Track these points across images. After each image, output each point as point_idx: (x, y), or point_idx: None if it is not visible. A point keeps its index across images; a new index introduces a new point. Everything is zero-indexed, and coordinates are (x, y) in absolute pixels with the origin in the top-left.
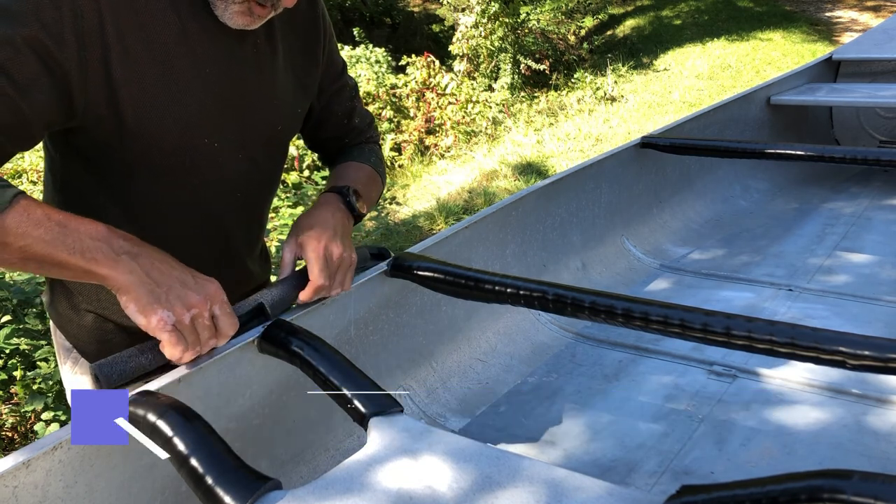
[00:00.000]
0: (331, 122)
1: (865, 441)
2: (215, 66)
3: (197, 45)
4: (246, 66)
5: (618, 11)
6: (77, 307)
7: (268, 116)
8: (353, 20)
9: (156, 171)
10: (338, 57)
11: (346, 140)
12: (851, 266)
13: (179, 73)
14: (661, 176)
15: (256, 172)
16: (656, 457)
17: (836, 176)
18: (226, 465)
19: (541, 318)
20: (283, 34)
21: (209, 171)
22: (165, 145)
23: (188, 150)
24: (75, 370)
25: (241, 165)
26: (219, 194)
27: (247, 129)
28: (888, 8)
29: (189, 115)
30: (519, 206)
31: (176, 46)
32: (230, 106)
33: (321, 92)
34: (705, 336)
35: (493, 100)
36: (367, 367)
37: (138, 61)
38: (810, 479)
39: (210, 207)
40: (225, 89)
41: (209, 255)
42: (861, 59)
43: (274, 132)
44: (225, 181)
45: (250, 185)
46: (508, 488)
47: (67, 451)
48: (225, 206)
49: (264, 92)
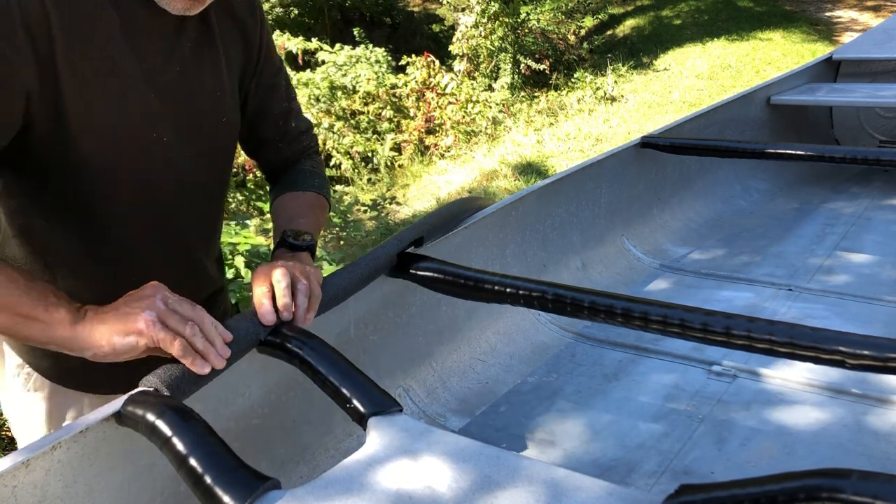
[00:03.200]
0: (266, 121)
1: (865, 441)
2: (157, 60)
3: (138, 40)
4: (186, 57)
5: (618, 11)
6: None
7: (212, 108)
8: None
9: (107, 171)
10: (275, 54)
11: (280, 145)
12: (851, 266)
13: (122, 69)
14: (661, 176)
15: (208, 167)
16: (656, 457)
17: (836, 176)
18: (225, 465)
19: (541, 318)
20: (220, 24)
21: (161, 168)
22: (114, 142)
23: (138, 146)
24: (28, 387)
25: (192, 160)
26: (173, 192)
27: (193, 122)
28: (888, 8)
29: (135, 110)
30: (519, 206)
31: (118, 41)
32: (175, 99)
33: (258, 87)
34: (705, 336)
35: (493, 100)
36: (366, 367)
37: (82, 57)
38: (809, 479)
39: (166, 207)
40: (168, 82)
41: (168, 258)
42: (861, 58)
43: (220, 124)
44: (178, 178)
45: (205, 179)
46: (508, 488)
47: (67, 451)
48: (180, 205)
49: (206, 83)
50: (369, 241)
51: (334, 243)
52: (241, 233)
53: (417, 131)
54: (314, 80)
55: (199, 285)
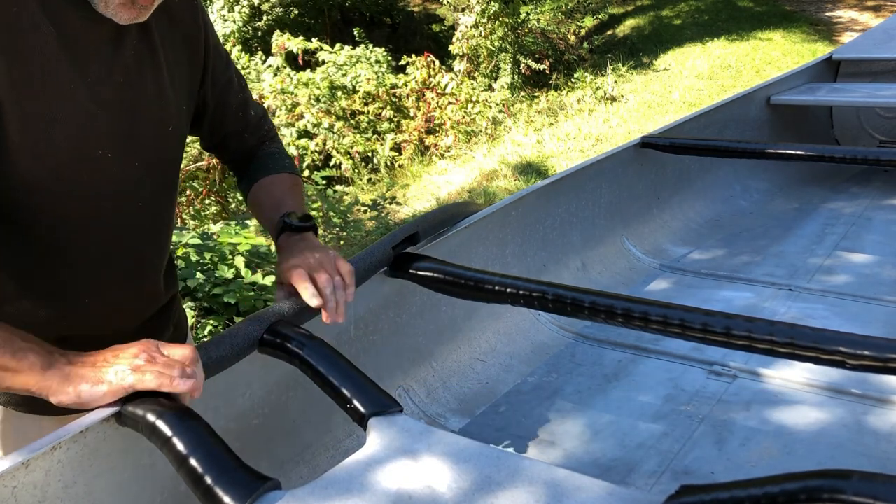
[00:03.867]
0: (227, 115)
1: (865, 441)
2: (98, 72)
3: (77, 52)
4: (129, 67)
5: (618, 11)
6: None
7: (157, 116)
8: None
9: (53, 191)
10: (222, 49)
11: (245, 135)
12: (851, 266)
13: (61, 84)
14: (661, 176)
15: (156, 177)
16: (656, 457)
17: (836, 176)
18: (225, 465)
19: (541, 318)
20: (160, 29)
21: (108, 183)
22: (58, 161)
23: (82, 162)
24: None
25: (139, 171)
26: (121, 205)
27: (139, 133)
28: (888, 8)
29: (77, 126)
30: (519, 206)
31: (55, 56)
32: (119, 111)
33: (213, 85)
34: (705, 336)
35: (493, 100)
36: (366, 367)
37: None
38: (810, 479)
39: (115, 221)
40: (110, 94)
41: (120, 272)
42: (861, 58)
43: (165, 132)
44: (125, 191)
45: (152, 192)
46: (508, 488)
47: (66, 451)
48: (129, 218)
49: (148, 93)
50: (369, 240)
51: (334, 243)
52: (242, 233)
53: (417, 131)
54: (314, 80)
55: (148, 301)
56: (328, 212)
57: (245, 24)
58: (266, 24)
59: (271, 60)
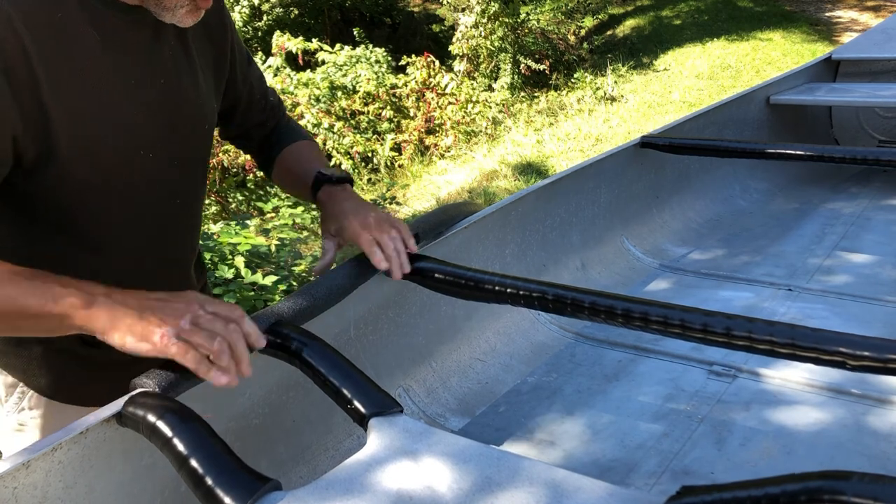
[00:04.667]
0: (253, 108)
1: (865, 441)
2: (139, 74)
3: (120, 55)
4: (166, 70)
5: (618, 11)
6: (23, 340)
7: (193, 116)
8: (353, 20)
9: (97, 189)
10: (243, 44)
11: (267, 122)
12: (851, 266)
13: (105, 90)
14: (660, 176)
15: (191, 175)
16: (656, 457)
17: (836, 176)
18: (225, 466)
19: (540, 317)
20: (192, 30)
21: (148, 183)
22: (102, 160)
23: (125, 161)
24: (22, 405)
25: (177, 169)
26: (160, 202)
27: (178, 132)
28: (888, 8)
29: (121, 130)
30: (518, 206)
31: (99, 61)
32: (158, 112)
33: (243, 81)
34: (705, 336)
35: (493, 100)
36: (366, 367)
37: (64, 84)
38: (810, 480)
39: (153, 217)
40: (151, 97)
41: (155, 265)
42: (861, 58)
43: (201, 131)
44: (164, 189)
45: (186, 189)
46: (508, 489)
47: (67, 452)
48: (166, 214)
49: (186, 93)
50: None
51: None
52: (242, 233)
53: (417, 131)
54: (314, 80)
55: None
56: None
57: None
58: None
59: (271, 60)
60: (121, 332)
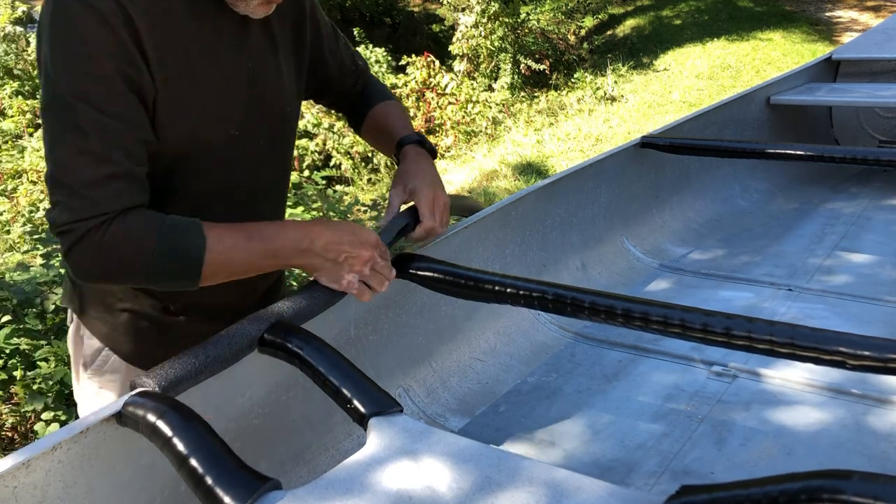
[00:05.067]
0: (345, 76)
1: (865, 441)
2: (230, 60)
3: (213, 43)
4: (252, 54)
5: (618, 11)
6: (111, 307)
7: (278, 99)
8: (353, 20)
9: (185, 167)
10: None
11: (357, 86)
12: (851, 266)
13: (201, 72)
14: (660, 176)
15: (276, 154)
16: (656, 457)
17: (836, 176)
18: (225, 466)
19: (540, 317)
20: (275, 16)
21: (237, 160)
22: (194, 141)
23: (214, 143)
24: (105, 368)
25: (264, 148)
26: (246, 179)
27: (264, 114)
28: (888, 8)
29: (214, 110)
30: (519, 206)
31: (195, 47)
32: (247, 95)
33: (332, 56)
34: (705, 336)
35: (493, 100)
36: (366, 367)
37: (168, 69)
38: (810, 480)
39: (242, 193)
40: (242, 79)
41: None
42: (861, 58)
43: (284, 113)
44: (252, 166)
45: (273, 168)
46: (508, 489)
47: (67, 451)
48: (254, 190)
49: (272, 76)
50: None
51: None
52: None
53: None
54: None
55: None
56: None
57: None
58: None
59: None
60: (318, 273)
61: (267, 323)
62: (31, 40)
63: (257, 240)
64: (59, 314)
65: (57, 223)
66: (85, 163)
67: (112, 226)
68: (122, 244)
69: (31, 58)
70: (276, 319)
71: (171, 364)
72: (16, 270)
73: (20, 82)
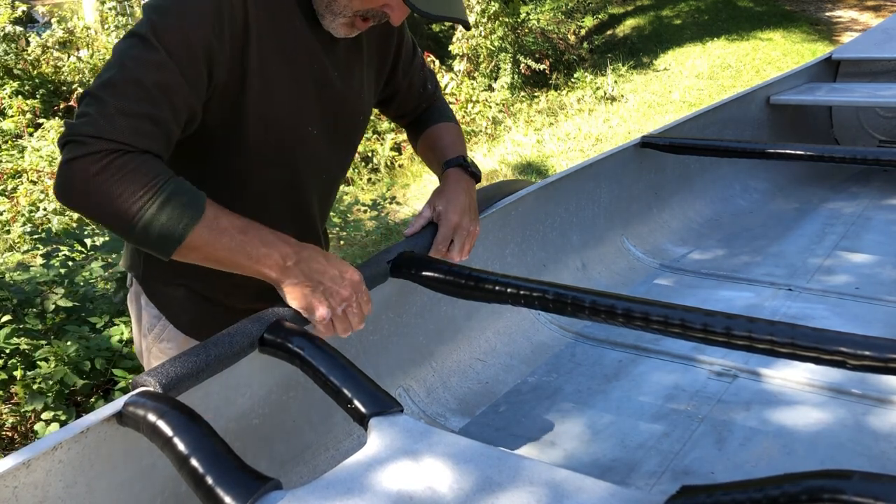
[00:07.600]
0: (412, 96)
1: (865, 441)
2: (322, 68)
3: (307, 47)
4: (340, 64)
5: (618, 11)
6: (170, 281)
7: (355, 107)
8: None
9: (264, 153)
10: (409, 35)
11: (424, 104)
12: (851, 266)
13: (298, 74)
14: (660, 176)
15: (341, 155)
16: (656, 457)
17: (836, 176)
18: (226, 466)
19: (540, 317)
20: (367, 36)
21: (307, 155)
22: (277, 131)
23: (294, 136)
24: (161, 336)
25: (331, 149)
26: (311, 174)
27: (340, 118)
28: (888, 8)
29: (298, 106)
30: (519, 206)
31: (293, 48)
32: (328, 98)
33: (403, 76)
34: (705, 336)
35: (493, 99)
36: (367, 367)
37: (270, 62)
38: (811, 480)
39: (302, 186)
40: (328, 87)
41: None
42: (861, 58)
43: (358, 120)
44: (317, 163)
45: (334, 167)
46: (508, 489)
47: (67, 451)
48: (313, 185)
49: (353, 86)
50: (369, 240)
51: (334, 243)
52: None
53: None
54: None
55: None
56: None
57: None
58: None
59: None
60: (292, 296)
61: (267, 323)
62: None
63: (250, 237)
64: (59, 314)
65: (74, 132)
66: (134, 93)
67: (125, 157)
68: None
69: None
70: (276, 319)
71: (172, 363)
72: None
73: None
